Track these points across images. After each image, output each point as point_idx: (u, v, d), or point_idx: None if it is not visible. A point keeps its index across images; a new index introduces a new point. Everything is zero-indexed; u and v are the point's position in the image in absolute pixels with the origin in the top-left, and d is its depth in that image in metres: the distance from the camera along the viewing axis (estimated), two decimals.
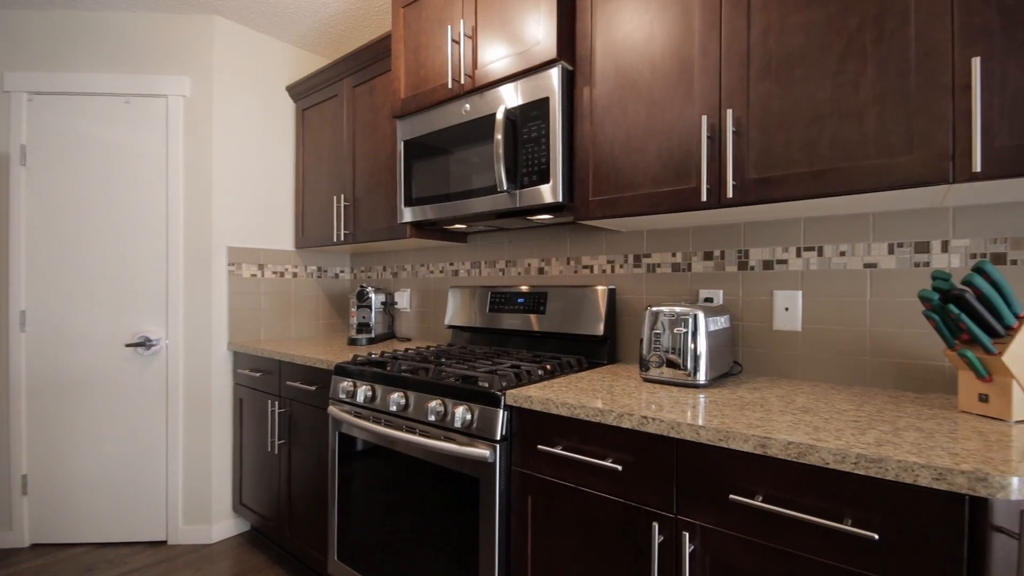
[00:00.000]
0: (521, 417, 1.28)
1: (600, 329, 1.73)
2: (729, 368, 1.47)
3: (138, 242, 2.32)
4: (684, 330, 1.34)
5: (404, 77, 1.93)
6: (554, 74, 1.50)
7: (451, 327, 2.20)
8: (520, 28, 1.57)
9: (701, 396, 1.22)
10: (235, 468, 2.39)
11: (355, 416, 1.62)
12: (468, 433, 1.33)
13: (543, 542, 1.24)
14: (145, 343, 2.29)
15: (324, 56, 2.79)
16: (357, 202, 2.29)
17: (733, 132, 1.23)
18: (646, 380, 1.42)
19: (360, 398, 1.61)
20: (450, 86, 1.74)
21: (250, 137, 2.49)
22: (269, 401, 2.15)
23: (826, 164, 1.11)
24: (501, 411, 1.28)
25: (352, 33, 2.54)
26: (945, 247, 1.25)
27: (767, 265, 1.52)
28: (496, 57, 1.63)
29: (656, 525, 1.02)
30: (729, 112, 1.22)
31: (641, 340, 1.42)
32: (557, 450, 1.18)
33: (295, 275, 2.67)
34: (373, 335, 2.39)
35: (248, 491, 2.31)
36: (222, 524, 2.37)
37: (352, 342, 2.32)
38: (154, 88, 2.32)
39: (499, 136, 1.56)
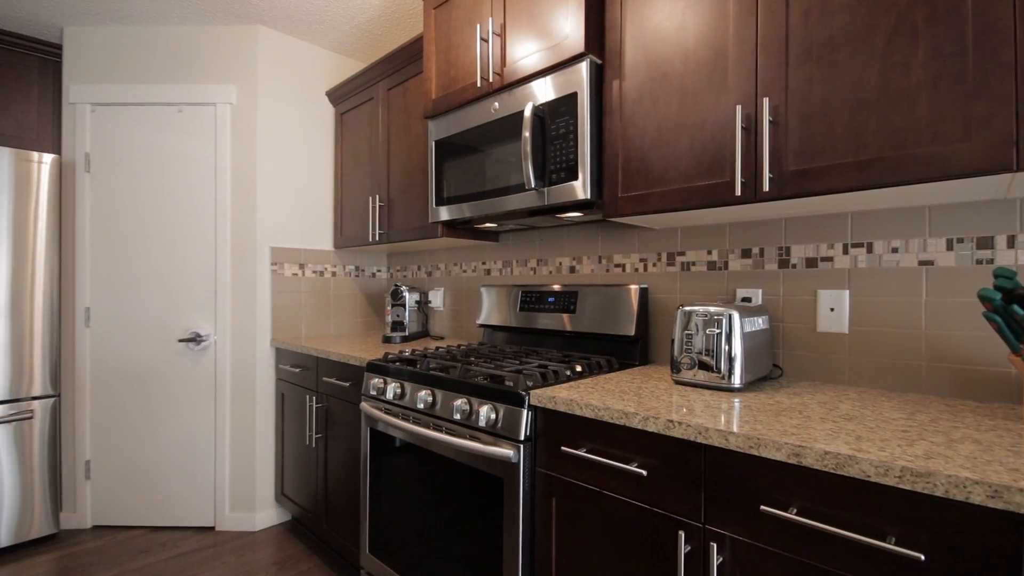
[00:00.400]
0: (546, 418, 1.26)
1: (631, 329, 1.68)
2: (768, 372, 1.40)
3: (189, 243, 2.45)
4: (717, 331, 1.29)
5: (435, 77, 1.94)
6: (582, 68, 1.47)
7: (483, 326, 2.20)
8: (548, 23, 1.54)
9: (735, 400, 1.16)
10: (277, 460, 2.48)
11: (385, 413, 1.64)
12: (493, 432, 1.32)
13: (568, 546, 1.22)
14: (195, 339, 2.42)
15: (362, 61, 2.86)
16: (392, 202, 2.33)
17: (770, 122, 1.17)
18: (677, 383, 1.37)
19: (390, 395, 1.63)
20: (479, 84, 1.73)
21: (292, 141, 2.58)
22: (307, 396, 2.22)
23: (873, 153, 1.03)
24: (525, 411, 1.27)
25: (388, 37, 2.59)
26: (1011, 242, 1.14)
27: (810, 263, 1.43)
28: (524, 54, 1.61)
29: (682, 534, 0.98)
30: (766, 101, 1.15)
31: (672, 341, 1.37)
32: (581, 452, 1.16)
33: (334, 274, 2.75)
34: (407, 333, 2.43)
35: (289, 482, 2.39)
36: (265, 513, 2.47)
37: (386, 340, 2.36)
38: (204, 97, 2.44)
39: (527, 133, 1.55)
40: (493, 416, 1.32)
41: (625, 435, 1.10)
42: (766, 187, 1.16)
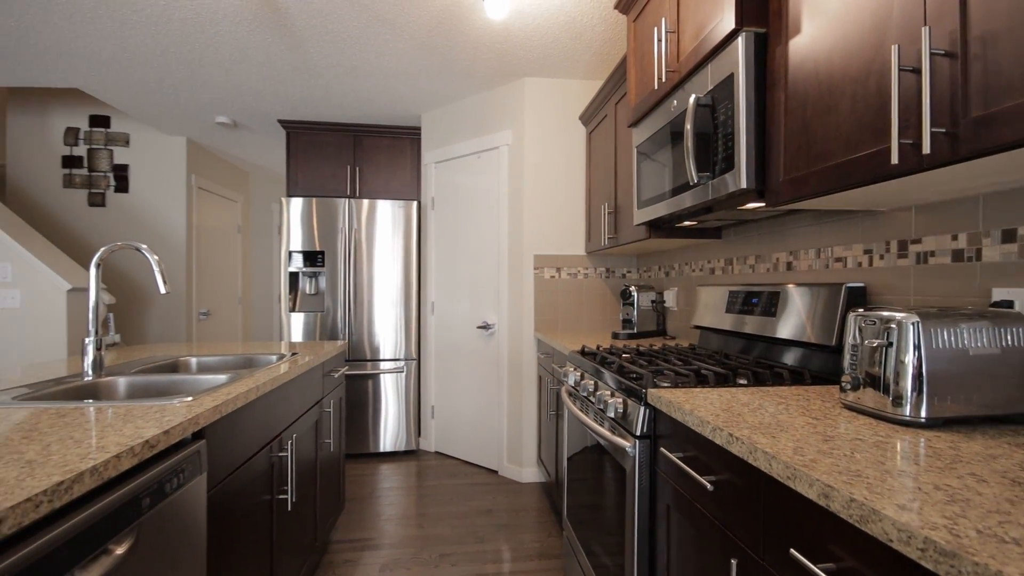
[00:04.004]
0: (661, 418, 1.25)
1: (831, 339, 1.37)
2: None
3: (484, 254, 3.27)
4: (884, 343, 0.99)
5: (635, 87, 2.04)
6: (736, 47, 1.34)
7: (697, 327, 2.12)
8: (710, 9, 1.46)
9: (891, 435, 0.90)
10: (537, 429, 3.02)
11: (569, 396, 1.88)
12: (620, 423, 1.39)
13: (678, 550, 1.19)
14: (486, 326, 3.21)
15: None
16: (619, 209, 2.51)
17: (940, 55, 0.85)
18: (844, 406, 1.10)
19: (571, 381, 1.86)
20: (655, 87, 1.75)
21: (551, 164, 3.08)
22: (548, 378, 2.64)
23: None
24: (642, 408, 1.29)
25: (620, 55, 2.76)
26: None
27: None
28: (691, 47, 1.56)
29: (735, 563, 0.87)
30: (926, 31, 0.84)
31: (838, 351, 1.11)
32: (674, 457, 1.13)
33: (586, 276, 3.11)
34: (635, 331, 2.54)
35: (543, 450, 2.89)
36: (528, 470, 3.04)
37: (615, 336, 2.55)
38: (492, 143, 3.22)
39: (688, 126, 1.50)
40: (621, 409, 1.39)
41: (704, 445, 1.02)
42: (927, 148, 0.84)
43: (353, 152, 3.77)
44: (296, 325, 3.49)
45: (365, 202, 3.54)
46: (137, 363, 1.72)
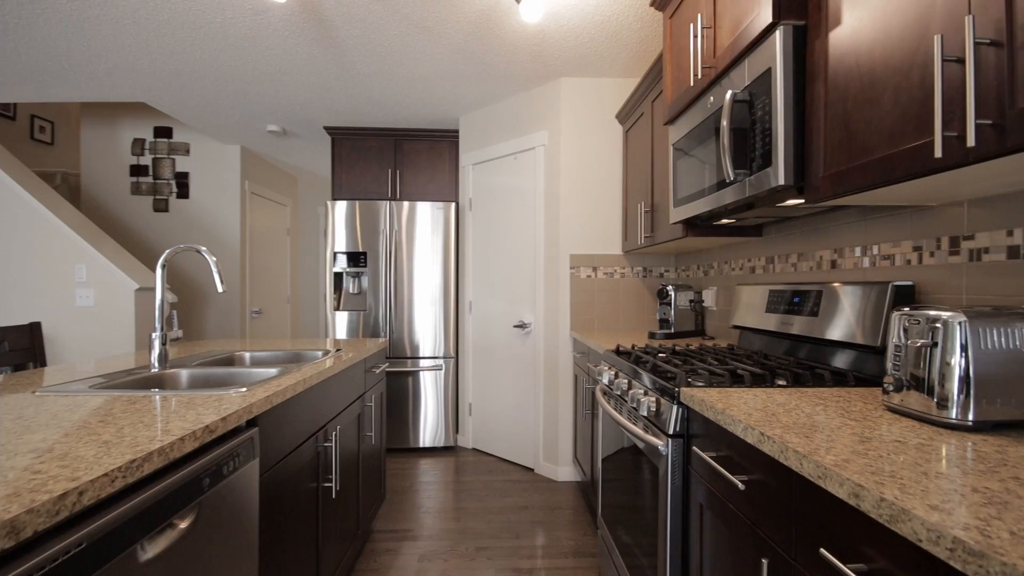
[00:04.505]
0: (695, 418, 1.25)
1: (876, 339, 1.33)
2: None
3: (520, 254, 3.30)
4: (928, 343, 0.95)
5: (671, 84, 2.02)
6: (774, 41, 1.31)
7: (736, 327, 2.08)
8: (747, 3, 1.44)
9: (937, 438, 0.87)
10: (572, 428, 3.03)
11: (603, 395, 1.88)
12: (653, 422, 1.39)
13: (710, 550, 1.18)
14: (523, 325, 3.24)
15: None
16: (655, 207, 2.49)
17: (984, 43, 0.81)
18: (888, 409, 1.07)
19: (606, 380, 1.87)
20: (692, 84, 1.74)
21: (587, 163, 3.08)
22: (583, 377, 2.65)
23: None
24: (675, 406, 1.29)
25: (656, 52, 2.73)
26: None
27: None
28: (727, 42, 1.54)
29: (766, 563, 0.87)
30: (970, 20, 0.81)
31: (884, 352, 1.08)
32: (707, 456, 1.12)
33: (623, 275, 3.09)
34: (672, 331, 2.51)
35: (579, 449, 2.89)
36: (565, 469, 3.05)
37: (651, 336, 2.53)
38: (528, 144, 3.25)
39: (724, 122, 1.48)
40: (654, 408, 1.39)
41: (738, 446, 1.02)
42: (971, 140, 0.81)
43: (394, 156, 3.88)
44: (340, 323, 3.64)
45: (405, 204, 3.65)
46: (197, 357, 1.85)
